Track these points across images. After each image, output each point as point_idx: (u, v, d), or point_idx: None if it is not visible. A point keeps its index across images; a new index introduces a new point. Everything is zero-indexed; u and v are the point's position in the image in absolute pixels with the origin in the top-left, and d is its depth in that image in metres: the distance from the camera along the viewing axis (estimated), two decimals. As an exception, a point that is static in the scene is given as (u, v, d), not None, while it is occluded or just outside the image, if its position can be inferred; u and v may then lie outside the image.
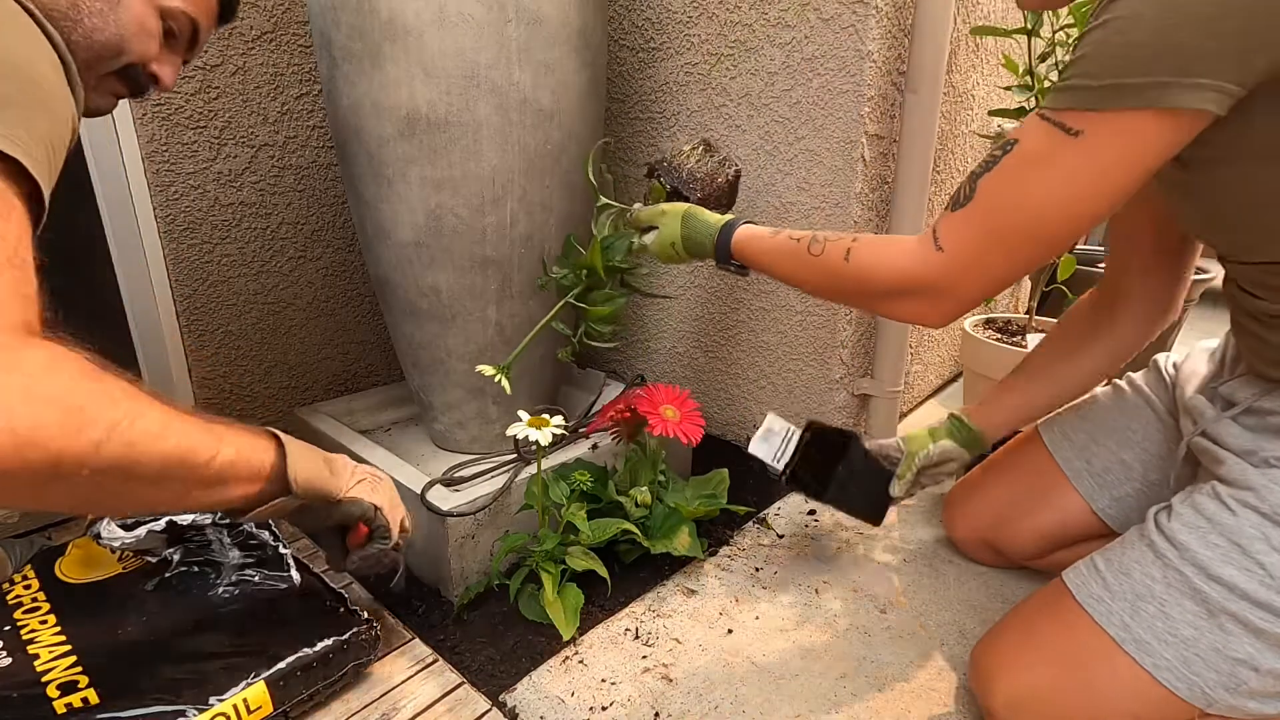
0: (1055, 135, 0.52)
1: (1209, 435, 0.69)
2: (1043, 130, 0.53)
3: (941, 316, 0.63)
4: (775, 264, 0.74)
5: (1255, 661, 0.56)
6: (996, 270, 0.58)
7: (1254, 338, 0.65)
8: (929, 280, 0.60)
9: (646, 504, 0.90)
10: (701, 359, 1.24)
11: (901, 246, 0.63)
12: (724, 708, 0.70)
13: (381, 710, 0.67)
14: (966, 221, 0.58)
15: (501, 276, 0.95)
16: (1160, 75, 0.47)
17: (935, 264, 0.59)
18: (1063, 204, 0.53)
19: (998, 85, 1.30)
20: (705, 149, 0.89)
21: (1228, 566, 0.58)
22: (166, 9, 0.63)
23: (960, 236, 0.58)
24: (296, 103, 1.12)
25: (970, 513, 0.93)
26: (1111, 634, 0.61)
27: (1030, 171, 0.54)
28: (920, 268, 0.61)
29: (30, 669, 0.61)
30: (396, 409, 1.24)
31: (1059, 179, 0.53)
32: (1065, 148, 0.52)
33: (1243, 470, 0.62)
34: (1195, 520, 0.61)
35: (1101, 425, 0.85)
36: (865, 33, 0.91)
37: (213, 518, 0.80)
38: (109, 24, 0.59)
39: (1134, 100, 0.48)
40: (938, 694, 0.72)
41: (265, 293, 1.16)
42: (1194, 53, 0.46)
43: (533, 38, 0.85)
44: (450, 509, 0.81)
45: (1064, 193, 0.53)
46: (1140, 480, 0.81)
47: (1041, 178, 0.53)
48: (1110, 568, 0.64)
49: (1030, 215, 0.55)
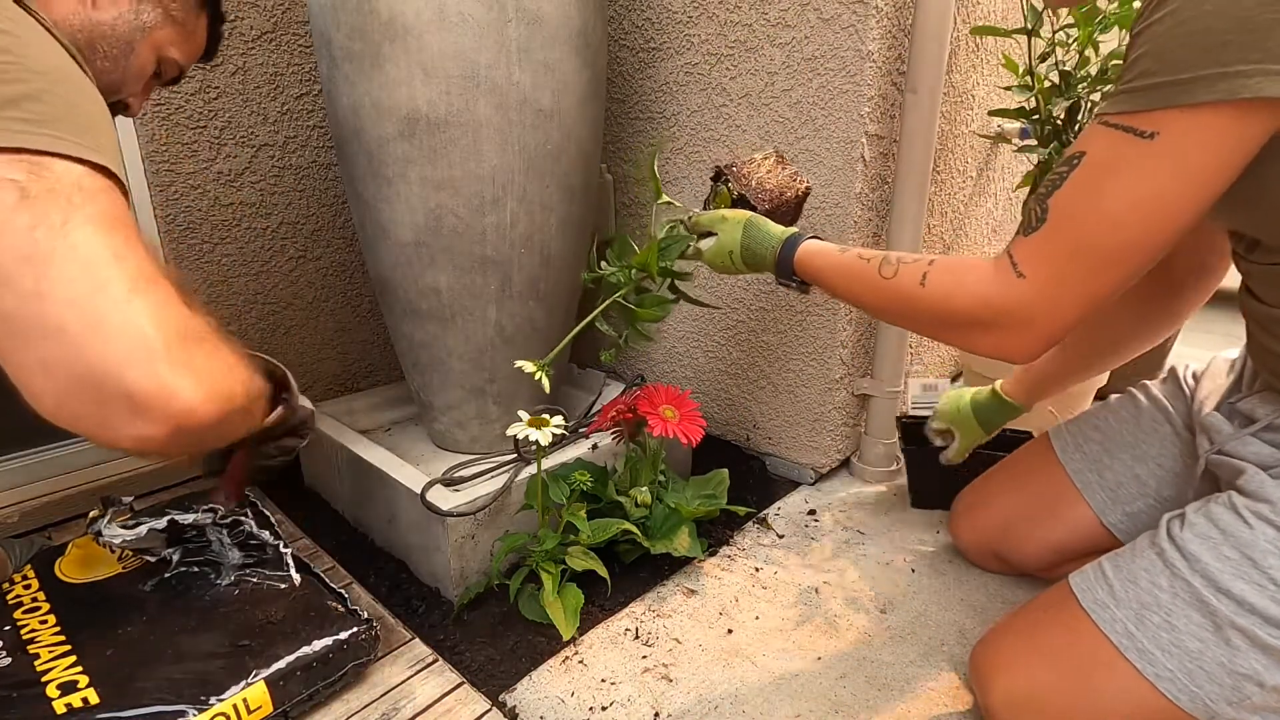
0: (1126, 140, 0.48)
1: (1226, 451, 0.67)
2: (1111, 138, 0.49)
3: (1026, 350, 0.58)
4: (842, 284, 0.70)
5: (1261, 677, 0.55)
6: (1083, 294, 0.53)
7: (1273, 355, 0.63)
8: (1012, 310, 0.56)
9: (646, 504, 0.90)
10: (701, 359, 1.24)
11: (980, 273, 0.58)
12: (724, 708, 0.70)
13: (381, 710, 0.67)
14: (1045, 243, 0.54)
15: (501, 276, 0.95)
16: (1233, 64, 0.43)
17: (1018, 293, 0.55)
18: (1145, 213, 0.49)
19: (998, 85, 1.30)
20: (777, 159, 0.86)
21: (1238, 580, 0.57)
22: (164, 58, 0.69)
23: (1041, 260, 0.54)
24: (296, 103, 1.12)
25: (977, 521, 0.92)
26: (1115, 641, 0.60)
27: (1105, 182, 0.50)
28: (1002, 297, 0.56)
29: (30, 669, 0.61)
30: (396, 409, 1.24)
31: (1139, 187, 0.49)
32: (1140, 152, 0.48)
33: (1261, 482, 0.60)
34: (1208, 530, 0.60)
35: (1116, 437, 0.82)
36: (865, 33, 0.91)
37: (213, 517, 0.80)
38: (118, 68, 0.65)
39: (1207, 94, 0.44)
40: (938, 694, 0.72)
41: (265, 293, 1.15)
42: (1263, 38, 0.42)
43: (533, 38, 0.85)
44: (450, 509, 0.81)
45: (1147, 201, 0.49)
46: (1154, 496, 0.79)
47: (1119, 187, 0.49)
48: (1118, 574, 0.63)
49: (1111, 227, 0.50)
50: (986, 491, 0.93)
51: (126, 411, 0.44)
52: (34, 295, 0.42)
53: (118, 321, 0.43)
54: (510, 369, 1.01)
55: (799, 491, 1.13)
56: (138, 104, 0.71)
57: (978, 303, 0.58)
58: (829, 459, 1.13)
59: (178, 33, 0.69)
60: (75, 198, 0.45)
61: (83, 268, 0.43)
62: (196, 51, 0.74)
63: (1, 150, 0.43)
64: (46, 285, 0.42)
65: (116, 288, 0.44)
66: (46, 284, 0.42)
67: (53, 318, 0.42)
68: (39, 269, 0.42)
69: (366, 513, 0.97)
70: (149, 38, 0.66)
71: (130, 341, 0.43)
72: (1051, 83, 1.03)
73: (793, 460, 1.16)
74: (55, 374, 0.43)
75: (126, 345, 0.43)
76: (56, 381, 0.43)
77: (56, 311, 0.42)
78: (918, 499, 1.07)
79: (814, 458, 1.13)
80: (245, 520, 0.82)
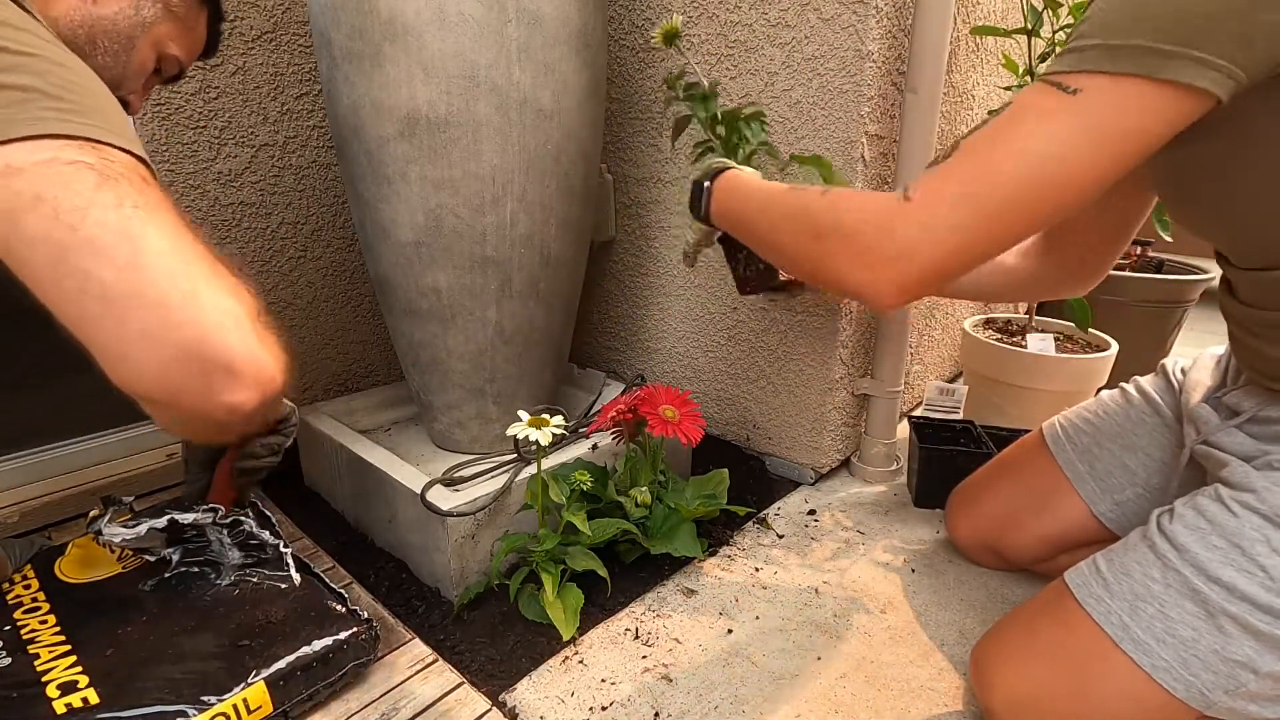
0: (1050, 92, 0.49)
1: (1211, 443, 0.68)
2: (1039, 89, 0.50)
3: (891, 287, 0.55)
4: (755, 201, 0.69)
5: (1255, 664, 0.56)
6: (964, 233, 0.51)
7: (1253, 352, 0.65)
8: (890, 232, 0.54)
9: (646, 504, 0.90)
10: (701, 359, 1.24)
11: (877, 198, 0.58)
12: (724, 708, 0.70)
13: (381, 710, 0.67)
14: (943, 176, 0.52)
15: (501, 276, 0.95)
16: (1162, 43, 0.44)
17: (901, 218, 0.53)
18: (1049, 165, 0.49)
19: (998, 85, 1.30)
20: None
21: (1228, 568, 0.58)
22: (164, 54, 0.69)
23: (931, 189, 0.52)
24: (296, 103, 1.12)
25: (973, 517, 0.93)
26: (1110, 633, 0.61)
27: (1018, 126, 0.50)
28: (886, 218, 0.54)
29: (30, 669, 0.61)
30: (396, 409, 1.24)
31: (1048, 135, 0.48)
32: (1059, 104, 0.48)
33: (1245, 473, 0.62)
34: (1196, 521, 0.61)
35: (1105, 429, 0.84)
36: (865, 33, 0.91)
37: (213, 517, 0.80)
38: (119, 64, 0.65)
39: (1132, 65, 0.45)
40: (938, 694, 0.72)
41: (265, 293, 1.15)
42: (1199, 25, 0.44)
43: (533, 38, 0.85)
44: (450, 509, 0.81)
45: (1052, 151, 0.48)
46: (1143, 485, 0.80)
47: (1030, 132, 0.49)
48: (1111, 568, 0.64)
49: (1012, 173, 0.49)
50: (981, 487, 0.95)
51: (227, 377, 0.46)
52: (132, 267, 0.43)
53: (212, 296, 0.46)
54: (510, 369, 1.02)
55: (799, 491, 1.13)
56: (138, 101, 0.71)
57: (860, 219, 0.56)
58: (829, 459, 1.13)
59: (178, 28, 0.69)
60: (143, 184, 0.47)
61: (172, 245, 0.46)
62: (197, 48, 0.74)
63: (63, 137, 0.45)
64: (145, 259, 0.44)
65: (203, 267, 0.47)
66: (145, 257, 0.44)
67: (153, 288, 0.44)
68: (135, 243, 0.44)
69: (366, 513, 0.97)
70: (149, 33, 0.66)
71: (224, 315, 0.46)
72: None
73: (793, 460, 1.16)
74: (160, 343, 0.44)
75: (221, 318, 0.46)
76: (161, 350, 0.44)
77: (156, 281, 0.44)
78: (921, 498, 1.07)
79: (814, 458, 1.13)
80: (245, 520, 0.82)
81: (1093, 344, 1.27)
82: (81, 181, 0.44)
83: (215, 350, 0.45)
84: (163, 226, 0.46)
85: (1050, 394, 1.18)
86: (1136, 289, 1.46)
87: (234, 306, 0.47)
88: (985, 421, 1.16)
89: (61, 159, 0.44)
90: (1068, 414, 0.89)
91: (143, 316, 0.43)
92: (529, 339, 1.01)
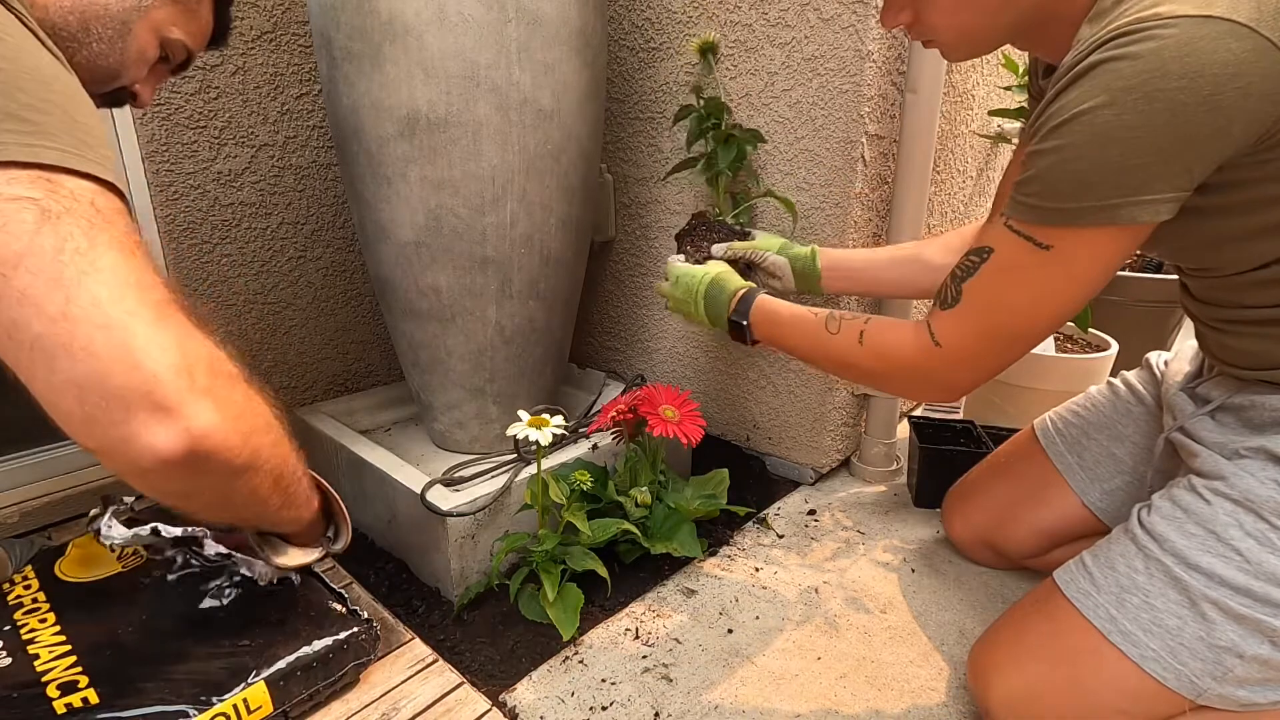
0: (1027, 248, 0.57)
1: (1186, 431, 0.70)
2: (1015, 243, 0.57)
3: (950, 397, 0.71)
4: (792, 334, 0.78)
5: (1239, 648, 0.57)
6: (989, 363, 0.64)
7: (1218, 344, 0.68)
8: (931, 372, 0.66)
9: (646, 504, 0.90)
10: (701, 359, 1.24)
11: (904, 335, 0.68)
12: (724, 708, 0.70)
13: (381, 710, 0.67)
14: (959, 322, 0.63)
15: (501, 276, 0.95)
16: (1112, 198, 0.51)
17: (937, 359, 0.65)
18: (1043, 307, 0.59)
19: (998, 85, 1.30)
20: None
21: (1205, 554, 0.59)
22: (167, 40, 0.65)
23: (955, 335, 0.63)
24: (296, 103, 1.12)
25: (968, 513, 0.94)
26: (1099, 626, 0.62)
27: (1010, 280, 0.59)
28: (924, 361, 0.66)
29: (30, 669, 0.61)
30: (396, 409, 1.24)
31: (1037, 286, 0.58)
32: (1038, 260, 0.56)
33: (1215, 461, 0.64)
34: (1172, 511, 0.63)
35: (1094, 421, 0.87)
36: (865, 33, 0.91)
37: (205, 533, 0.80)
38: (114, 51, 0.61)
39: (1090, 220, 0.53)
40: (938, 694, 0.72)
41: (265, 293, 1.15)
42: (1139, 176, 0.50)
43: (533, 38, 0.85)
44: (450, 509, 0.81)
45: (1043, 297, 0.58)
46: (1130, 473, 0.82)
47: (1021, 285, 0.59)
48: (1096, 562, 0.66)
49: (1014, 317, 0.60)
50: (975, 484, 0.96)
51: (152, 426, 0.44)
52: (63, 318, 0.42)
53: (146, 346, 0.44)
54: (510, 369, 1.02)
55: (799, 491, 1.13)
56: (147, 92, 0.67)
57: (905, 366, 0.68)
58: (829, 459, 1.13)
59: (178, 11, 0.65)
60: (94, 218, 0.45)
61: (111, 293, 0.44)
62: (203, 31, 0.70)
63: (15, 165, 0.43)
64: (77, 309, 0.42)
65: (145, 313, 0.45)
66: (76, 308, 0.42)
67: (82, 341, 0.42)
68: (68, 292, 0.42)
69: (367, 513, 0.97)
70: (146, 17, 0.63)
71: (158, 366, 0.44)
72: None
73: (793, 460, 1.16)
74: (86, 396, 0.43)
75: (154, 369, 0.44)
76: (85, 402, 0.43)
77: (87, 335, 0.42)
78: (921, 498, 1.07)
79: (814, 458, 1.13)
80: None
81: (1092, 344, 1.27)
82: (19, 223, 0.42)
83: (141, 402, 0.43)
84: (104, 271, 0.44)
85: (1050, 394, 1.18)
86: (1136, 289, 1.47)
87: (178, 360, 0.45)
88: (985, 421, 1.16)
89: (4, 195, 0.42)
90: (1058, 409, 0.91)
91: (71, 368, 0.42)
92: (529, 339, 1.01)
